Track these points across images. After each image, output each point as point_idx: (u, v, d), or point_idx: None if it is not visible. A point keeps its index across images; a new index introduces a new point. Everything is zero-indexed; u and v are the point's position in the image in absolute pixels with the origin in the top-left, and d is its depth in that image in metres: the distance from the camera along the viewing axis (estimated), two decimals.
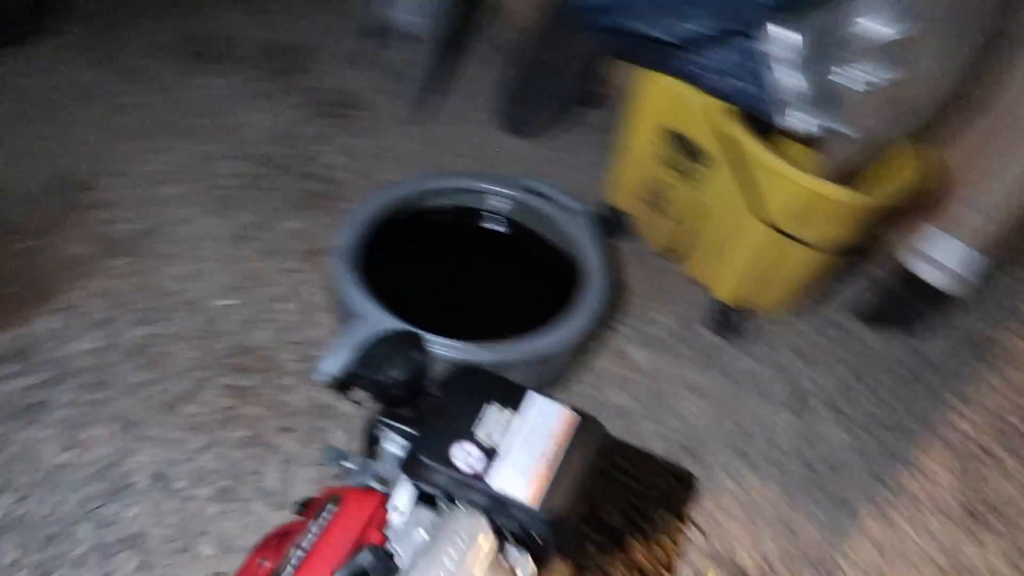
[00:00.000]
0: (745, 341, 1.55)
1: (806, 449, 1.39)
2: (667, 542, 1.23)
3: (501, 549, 0.70)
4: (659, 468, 1.32)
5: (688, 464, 1.34)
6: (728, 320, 1.53)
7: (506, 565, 0.68)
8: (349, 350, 1.23)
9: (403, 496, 0.74)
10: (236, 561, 1.08)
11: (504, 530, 0.71)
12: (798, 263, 1.42)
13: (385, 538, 0.72)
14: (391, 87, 1.94)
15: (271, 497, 1.16)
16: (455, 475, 0.71)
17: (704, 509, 1.28)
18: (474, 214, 1.62)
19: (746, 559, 1.23)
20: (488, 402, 0.76)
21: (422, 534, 0.71)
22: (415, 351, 0.83)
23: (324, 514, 0.73)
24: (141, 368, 1.29)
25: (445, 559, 0.66)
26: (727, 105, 1.34)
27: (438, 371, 0.85)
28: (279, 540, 0.79)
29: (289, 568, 0.68)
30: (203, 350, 1.34)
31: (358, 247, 1.39)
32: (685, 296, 1.61)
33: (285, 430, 1.25)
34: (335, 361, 1.22)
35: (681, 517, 1.26)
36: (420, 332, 0.87)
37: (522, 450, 0.73)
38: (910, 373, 1.55)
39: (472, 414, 0.75)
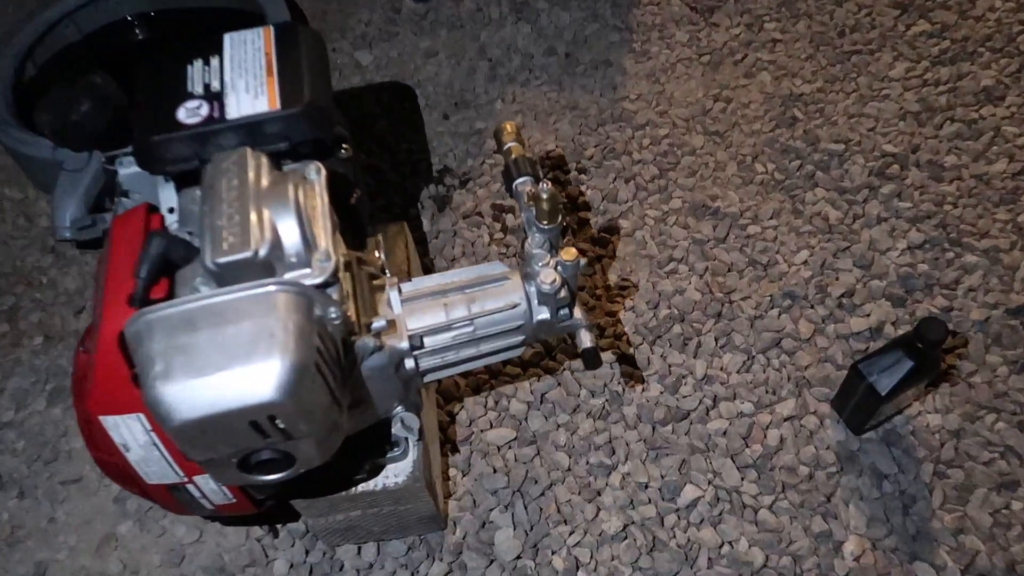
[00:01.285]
0: None
1: (550, 42, 1.42)
2: (484, 180, 1.25)
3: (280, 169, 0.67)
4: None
5: (470, 113, 1.34)
6: None
7: (295, 175, 0.65)
8: (71, 196, 1.11)
9: (164, 194, 0.69)
10: None
11: (277, 155, 0.68)
12: None
13: None
14: None
15: None
16: (192, 131, 0.65)
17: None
18: (113, 28, 1.45)
19: (553, 148, 1.28)
20: (189, 63, 0.70)
21: (199, 202, 0.66)
22: (94, 78, 0.73)
23: (104, 252, 0.66)
24: None
25: (225, 192, 0.62)
26: None
27: None
28: (89, 330, 0.73)
29: (100, 308, 0.63)
30: None
31: (17, 112, 1.22)
32: None
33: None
34: (66, 212, 1.10)
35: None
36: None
37: (242, 78, 0.68)
38: None
39: (178, 81, 0.68)
